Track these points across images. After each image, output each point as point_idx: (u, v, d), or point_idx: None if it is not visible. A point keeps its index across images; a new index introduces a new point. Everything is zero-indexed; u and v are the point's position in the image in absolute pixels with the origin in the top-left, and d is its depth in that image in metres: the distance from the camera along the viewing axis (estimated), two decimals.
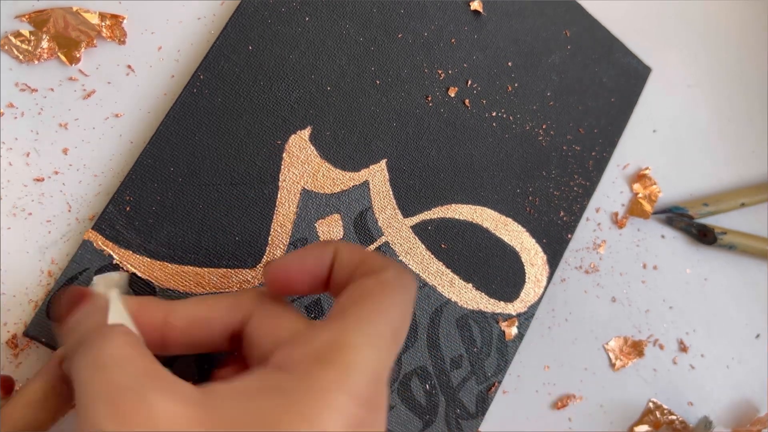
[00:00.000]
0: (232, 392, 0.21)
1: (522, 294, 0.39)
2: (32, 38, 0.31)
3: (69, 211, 0.31)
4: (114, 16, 0.33)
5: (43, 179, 0.31)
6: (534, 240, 0.39)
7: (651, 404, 0.43)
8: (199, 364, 0.31)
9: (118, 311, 0.25)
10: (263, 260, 0.33)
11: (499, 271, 0.38)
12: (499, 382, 0.38)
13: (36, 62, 0.31)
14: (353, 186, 0.35)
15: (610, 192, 0.43)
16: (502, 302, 0.38)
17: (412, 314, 0.26)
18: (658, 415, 0.43)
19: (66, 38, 0.32)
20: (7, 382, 0.28)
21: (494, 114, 0.39)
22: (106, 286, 0.28)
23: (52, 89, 0.32)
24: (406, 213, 0.36)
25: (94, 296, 0.26)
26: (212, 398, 0.21)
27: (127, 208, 0.31)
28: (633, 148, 0.44)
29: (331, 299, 0.34)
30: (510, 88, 0.39)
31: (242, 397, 0.21)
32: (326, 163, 0.35)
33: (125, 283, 0.30)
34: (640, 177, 0.44)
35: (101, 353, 0.21)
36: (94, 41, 0.32)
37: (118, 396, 0.20)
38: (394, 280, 0.24)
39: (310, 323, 0.25)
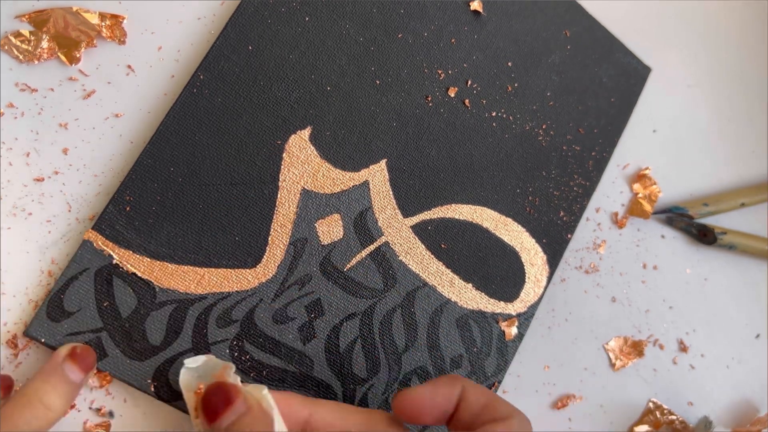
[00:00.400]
0: None
1: (522, 294, 0.39)
2: (32, 38, 0.31)
3: (69, 211, 0.31)
4: (114, 16, 0.33)
5: (43, 179, 0.31)
6: (534, 240, 0.39)
7: (651, 404, 0.43)
8: None
9: (280, 422, 0.26)
10: (263, 260, 0.33)
11: (499, 271, 0.38)
12: (499, 382, 0.38)
13: (36, 62, 0.31)
14: (353, 186, 0.35)
15: (610, 192, 0.43)
16: (502, 302, 0.38)
17: None
18: (658, 415, 0.43)
19: (66, 38, 0.32)
20: (6, 382, 0.28)
21: (494, 114, 0.39)
22: (205, 371, 0.29)
23: (52, 89, 0.32)
24: (406, 213, 0.36)
25: (243, 395, 0.26)
26: None
27: (127, 208, 0.31)
28: (633, 148, 0.44)
29: (332, 299, 0.34)
30: (510, 88, 0.39)
31: None
32: (326, 163, 0.35)
33: (217, 365, 0.29)
34: (640, 177, 0.44)
35: None
36: (94, 41, 0.32)
37: None
38: (520, 429, 0.26)
39: None
